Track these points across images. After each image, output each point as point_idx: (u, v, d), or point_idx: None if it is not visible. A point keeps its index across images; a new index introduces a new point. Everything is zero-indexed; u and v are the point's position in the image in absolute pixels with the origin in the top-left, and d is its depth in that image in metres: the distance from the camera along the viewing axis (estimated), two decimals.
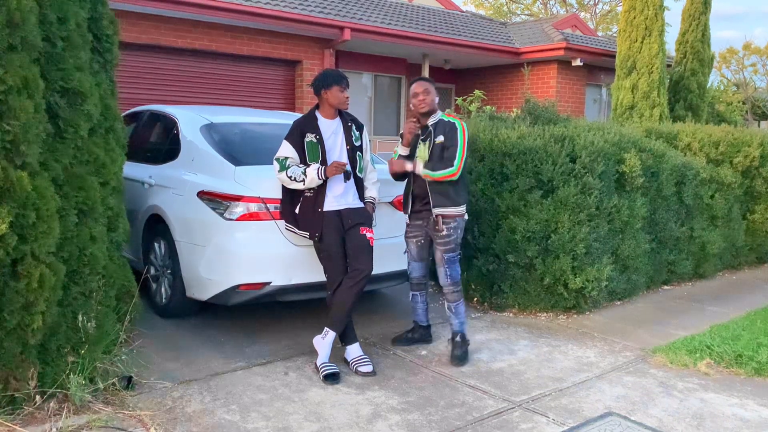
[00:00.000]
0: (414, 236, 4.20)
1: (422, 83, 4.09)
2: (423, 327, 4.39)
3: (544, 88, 13.94)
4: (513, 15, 32.02)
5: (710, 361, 4.11)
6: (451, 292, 4.09)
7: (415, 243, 4.21)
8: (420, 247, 4.20)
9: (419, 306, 4.35)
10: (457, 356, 4.04)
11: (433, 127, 4.05)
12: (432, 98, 4.06)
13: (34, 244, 2.80)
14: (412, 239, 4.21)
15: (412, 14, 13.49)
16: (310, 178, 3.81)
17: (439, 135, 4.00)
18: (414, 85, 4.11)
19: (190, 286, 4.38)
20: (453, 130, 3.99)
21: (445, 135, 3.99)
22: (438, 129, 4.03)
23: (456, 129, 3.99)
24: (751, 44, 27.29)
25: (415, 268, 4.28)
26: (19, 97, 2.72)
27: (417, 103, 4.06)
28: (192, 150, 4.71)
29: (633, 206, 5.49)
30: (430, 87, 4.08)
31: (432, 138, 4.02)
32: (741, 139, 7.12)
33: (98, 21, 3.75)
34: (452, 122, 4.04)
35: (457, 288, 4.09)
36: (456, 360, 4.02)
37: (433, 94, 4.07)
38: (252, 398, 3.44)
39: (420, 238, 4.18)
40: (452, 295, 4.09)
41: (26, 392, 2.99)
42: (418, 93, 4.04)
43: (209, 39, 10.13)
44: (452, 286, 4.08)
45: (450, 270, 4.07)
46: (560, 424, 3.25)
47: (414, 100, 4.07)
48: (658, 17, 10.75)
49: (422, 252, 4.22)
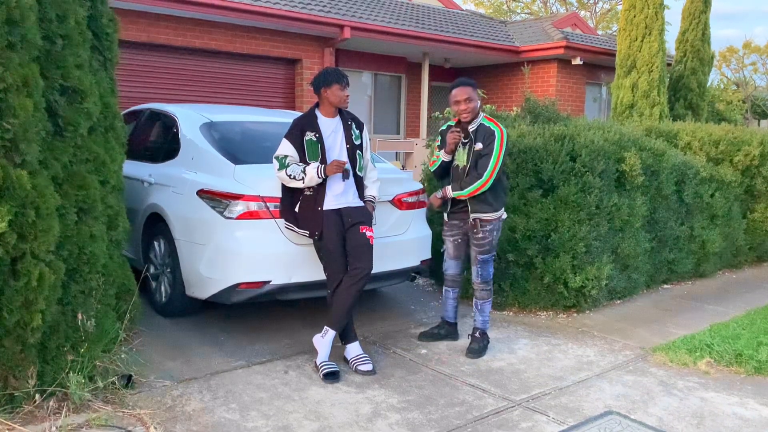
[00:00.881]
0: (451, 235, 4.25)
1: (464, 89, 4.02)
2: (450, 324, 4.43)
3: (544, 87, 13.93)
4: (513, 14, 32.00)
5: (710, 359, 4.11)
6: (480, 290, 4.17)
7: (452, 242, 4.26)
8: (457, 245, 4.25)
9: (450, 302, 4.40)
10: (475, 349, 4.12)
11: (473, 134, 4.04)
12: (474, 105, 4.02)
13: (34, 242, 2.80)
14: (449, 237, 4.26)
15: (412, 13, 13.48)
16: (310, 176, 3.80)
17: (478, 142, 4.00)
18: (455, 90, 4.04)
19: (190, 285, 4.38)
20: (491, 138, 3.98)
21: (483, 142, 3.99)
22: (478, 135, 4.02)
23: (494, 137, 3.98)
24: (751, 43, 27.26)
25: (450, 265, 4.33)
26: (18, 95, 2.71)
27: (459, 112, 4.04)
28: (192, 148, 4.71)
29: (633, 205, 5.49)
30: (472, 93, 4.03)
31: (472, 144, 4.03)
32: (741, 137, 7.12)
33: (98, 19, 3.75)
34: (492, 129, 4.02)
35: (487, 287, 4.17)
36: (472, 353, 4.11)
37: (475, 101, 4.03)
38: (252, 397, 3.44)
39: (457, 237, 4.22)
40: (481, 293, 4.17)
41: (26, 391, 2.98)
42: (460, 101, 4.01)
43: (209, 37, 10.12)
44: (483, 284, 4.16)
45: (482, 270, 4.14)
46: (560, 422, 3.25)
47: (456, 107, 4.04)
48: (658, 16, 10.74)
49: (458, 250, 4.27)
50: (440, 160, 4.19)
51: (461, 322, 4.58)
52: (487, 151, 3.97)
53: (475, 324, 4.24)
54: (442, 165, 4.20)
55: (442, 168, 4.21)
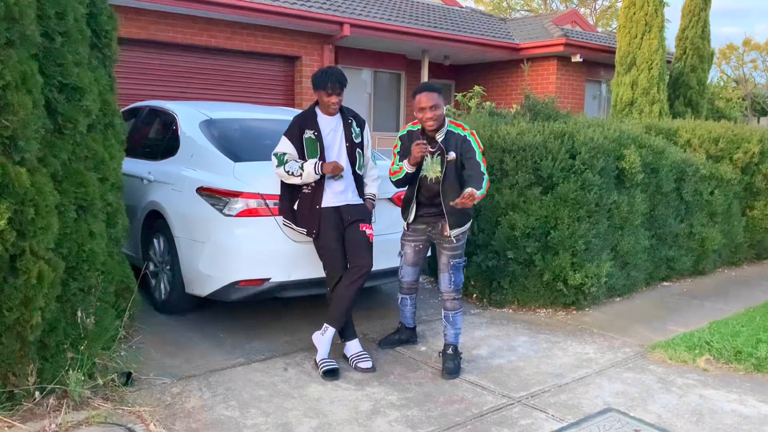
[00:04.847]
0: (413, 240, 4.00)
1: (430, 95, 3.65)
2: (409, 329, 4.33)
3: (544, 84, 13.93)
4: (512, 11, 31.97)
5: (709, 357, 4.11)
6: (451, 299, 3.88)
7: (413, 247, 4.02)
8: (417, 251, 4.03)
9: (408, 309, 4.25)
10: (451, 368, 3.78)
11: (443, 143, 3.72)
12: (440, 113, 3.67)
13: (33, 240, 2.80)
14: (410, 243, 4.01)
15: (412, 10, 13.46)
16: (307, 172, 3.80)
17: (450, 152, 3.70)
18: (420, 96, 3.68)
19: (190, 282, 4.38)
20: (466, 145, 3.72)
21: (457, 150, 3.71)
22: (449, 145, 3.72)
23: (469, 143, 3.72)
24: (751, 40, 27.23)
25: (408, 272, 4.10)
26: (17, 92, 2.71)
27: (424, 120, 3.69)
28: (191, 146, 4.70)
29: (632, 202, 5.49)
30: (439, 100, 3.67)
31: (444, 154, 3.71)
32: (741, 135, 7.11)
33: (97, 16, 3.74)
34: (462, 134, 3.74)
35: (458, 295, 3.89)
36: (448, 373, 3.76)
37: (441, 108, 3.67)
38: (251, 394, 3.44)
39: (419, 243, 4.00)
40: (452, 303, 3.88)
41: (25, 388, 2.98)
42: (425, 108, 3.65)
43: (208, 35, 10.11)
44: (454, 293, 3.87)
45: (454, 276, 3.87)
46: (559, 420, 3.25)
47: (421, 115, 3.69)
48: (658, 13, 10.74)
49: (418, 257, 4.06)
50: (404, 172, 3.78)
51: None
52: (469, 156, 3.69)
53: (447, 339, 3.89)
54: (406, 177, 3.82)
55: (406, 180, 3.86)
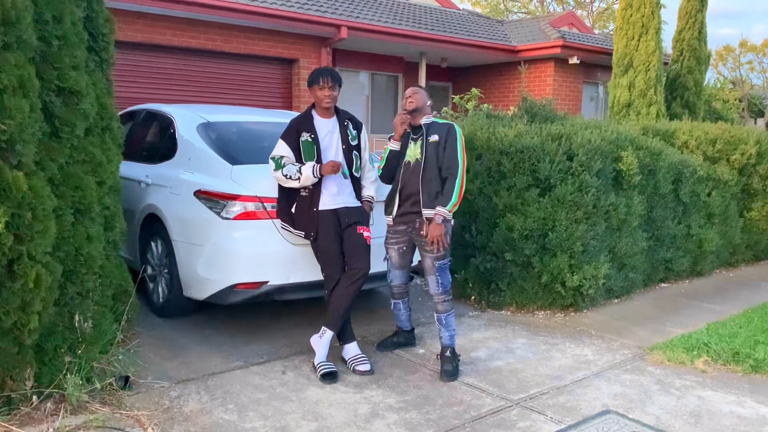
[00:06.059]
0: (396, 242, 4.02)
1: (413, 88, 4.06)
2: (407, 331, 4.33)
3: (541, 86, 13.95)
4: (510, 13, 32.00)
5: (707, 358, 4.11)
6: (441, 302, 3.88)
7: (397, 250, 4.04)
8: (402, 254, 4.04)
9: (402, 313, 4.25)
10: (448, 371, 3.79)
11: (426, 127, 3.93)
12: (420, 97, 3.95)
13: (30, 244, 2.79)
14: (394, 246, 4.04)
15: (409, 12, 13.48)
16: (305, 176, 3.81)
17: (433, 134, 3.89)
18: (406, 91, 4.08)
19: (188, 286, 4.37)
20: (449, 130, 3.88)
21: (439, 134, 3.88)
22: (432, 129, 3.92)
23: (453, 130, 3.88)
24: (748, 42, 27.27)
25: (396, 276, 4.11)
26: (14, 96, 2.70)
27: (405, 104, 4.00)
28: (189, 149, 4.70)
29: (630, 204, 5.49)
30: (420, 90, 4.02)
31: (424, 138, 3.90)
32: (738, 136, 7.13)
33: (94, 19, 3.74)
34: (447, 123, 3.95)
35: (448, 297, 3.89)
36: (446, 375, 3.77)
37: (421, 95, 3.97)
38: (250, 397, 3.44)
39: (403, 245, 4.02)
40: (443, 305, 3.88)
41: (23, 392, 2.98)
42: (408, 96, 3.99)
43: (206, 37, 10.11)
44: (444, 295, 3.87)
45: (441, 278, 3.86)
46: (558, 422, 3.25)
47: (403, 101, 4.03)
48: (655, 15, 10.77)
49: (404, 259, 4.07)
50: (388, 150, 4.01)
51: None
52: (449, 143, 3.84)
53: (443, 342, 3.90)
54: (391, 162, 4.01)
55: (391, 168, 4.03)
